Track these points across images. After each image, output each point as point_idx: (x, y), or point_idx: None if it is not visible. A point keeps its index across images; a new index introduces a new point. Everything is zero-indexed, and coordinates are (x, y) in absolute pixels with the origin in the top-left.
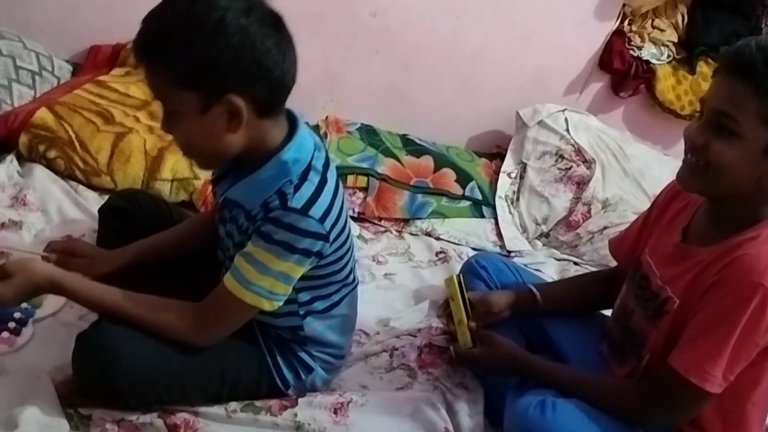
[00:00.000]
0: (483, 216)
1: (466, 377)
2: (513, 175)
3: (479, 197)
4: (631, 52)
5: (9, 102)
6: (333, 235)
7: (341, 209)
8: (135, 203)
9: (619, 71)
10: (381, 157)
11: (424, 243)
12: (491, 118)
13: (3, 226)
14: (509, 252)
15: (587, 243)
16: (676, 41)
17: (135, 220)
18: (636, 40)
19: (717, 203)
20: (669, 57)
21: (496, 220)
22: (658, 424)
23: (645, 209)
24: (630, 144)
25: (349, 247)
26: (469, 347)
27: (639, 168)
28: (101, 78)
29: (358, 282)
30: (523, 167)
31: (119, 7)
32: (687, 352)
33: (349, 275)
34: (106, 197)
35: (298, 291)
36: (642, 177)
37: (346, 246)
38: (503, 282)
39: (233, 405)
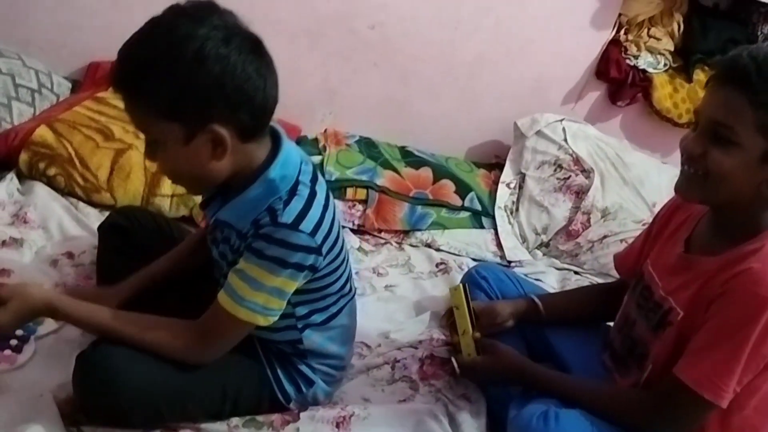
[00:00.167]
0: (483, 226)
1: (468, 388)
2: (512, 185)
3: (479, 208)
4: (628, 61)
5: (9, 120)
6: (325, 248)
7: (333, 221)
8: (134, 220)
9: (616, 80)
10: (380, 169)
11: (424, 254)
12: (490, 128)
13: (4, 243)
14: (509, 262)
15: (587, 252)
16: (672, 50)
17: (134, 237)
18: (632, 49)
19: (718, 212)
20: (666, 65)
21: (495, 230)
22: None
23: (645, 218)
24: (628, 152)
25: (344, 259)
26: (473, 357)
27: (638, 176)
28: (100, 95)
29: (355, 292)
30: (522, 177)
31: (118, 24)
32: (696, 365)
33: (345, 286)
34: (106, 213)
35: (294, 305)
36: (641, 185)
37: (340, 258)
38: (504, 292)
39: (235, 420)
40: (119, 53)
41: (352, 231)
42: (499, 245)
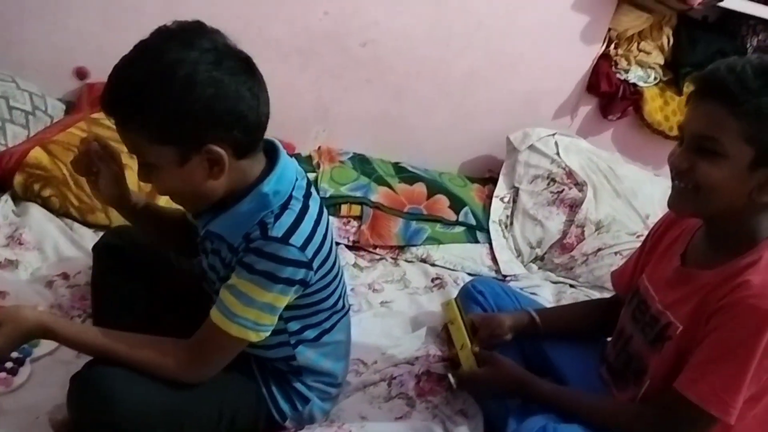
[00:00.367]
0: (477, 241)
1: (465, 404)
2: (506, 200)
3: (473, 222)
4: (618, 75)
5: (3, 142)
6: (316, 263)
7: (325, 236)
8: (129, 240)
9: (607, 94)
10: (374, 186)
11: (419, 269)
12: (483, 143)
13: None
14: (505, 276)
15: (582, 265)
16: (662, 63)
17: (129, 256)
18: (623, 63)
19: (712, 225)
20: (656, 79)
21: (490, 244)
22: None
23: (639, 230)
24: (620, 165)
25: (336, 274)
26: (473, 369)
27: (630, 188)
28: (94, 115)
29: (349, 308)
30: (516, 191)
31: (109, 45)
32: (699, 380)
33: (338, 302)
34: (101, 234)
35: (287, 321)
36: (634, 197)
37: (332, 273)
38: (500, 306)
39: None
40: (110, 78)
41: (347, 247)
42: (494, 259)
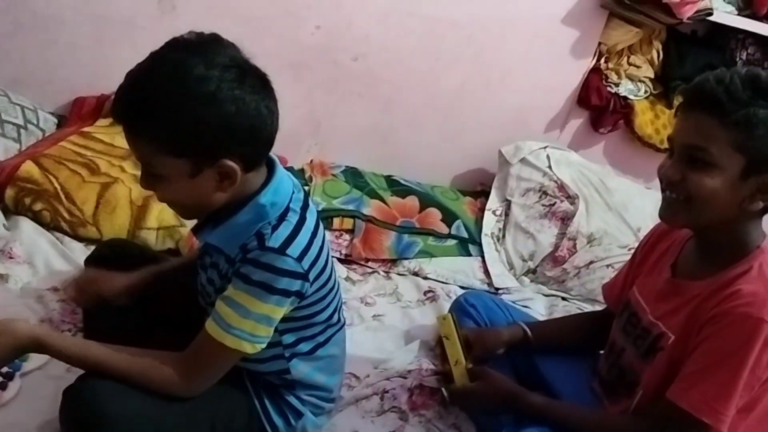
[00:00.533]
0: (470, 254)
1: (458, 418)
2: (498, 213)
3: (465, 235)
4: (609, 88)
5: None
6: (312, 275)
7: (321, 249)
8: (121, 253)
9: (598, 107)
10: (366, 199)
11: (412, 283)
12: (474, 156)
13: None
14: (497, 289)
15: (574, 278)
16: (652, 77)
17: (121, 269)
18: (613, 76)
19: (703, 235)
20: (646, 92)
21: (482, 257)
22: None
23: (630, 243)
24: (612, 178)
25: (332, 288)
26: (466, 385)
27: (622, 201)
28: (86, 129)
29: (344, 323)
30: (508, 204)
31: (103, 60)
32: (691, 389)
33: (333, 316)
34: (92, 248)
35: (281, 333)
36: (625, 210)
37: (328, 287)
38: (493, 320)
39: None
40: (126, 88)
41: (339, 261)
42: (487, 272)
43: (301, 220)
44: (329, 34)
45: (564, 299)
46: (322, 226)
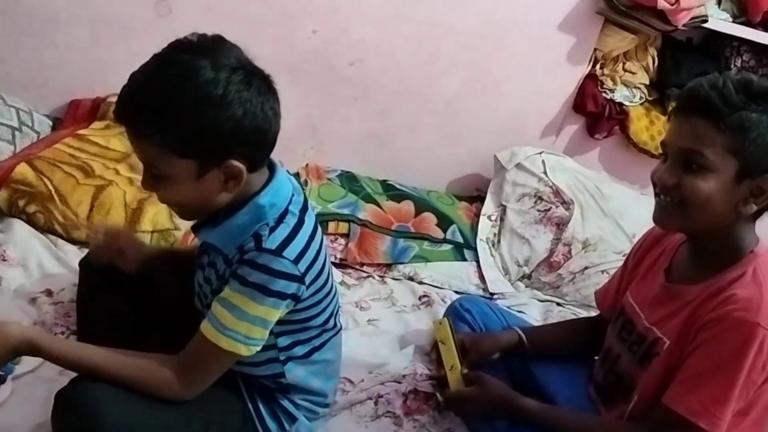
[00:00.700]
0: (465, 259)
1: (453, 423)
2: (493, 218)
3: (461, 240)
4: (604, 94)
5: None
6: (309, 278)
7: (318, 252)
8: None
9: (593, 113)
10: (362, 203)
11: (407, 287)
12: (470, 161)
13: None
14: (492, 294)
15: (569, 283)
16: (647, 83)
17: (116, 272)
18: (608, 83)
19: (697, 240)
20: (641, 99)
21: (478, 262)
22: None
23: (625, 249)
24: (607, 184)
25: (328, 292)
26: (461, 390)
27: (617, 208)
28: (81, 132)
29: (340, 328)
30: (503, 210)
31: (97, 61)
32: (687, 394)
33: (330, 320)
34: (86, 251)
35: (277, 336)
36: (620, 216)
37: (324, 290)
38: (488, 325)
39: None
40: (131, 90)
41: (334, 265)
42: (482, 277)
43: (300, 222)
44: (326, 38)
45: (559, 305)
46: (320, 229)
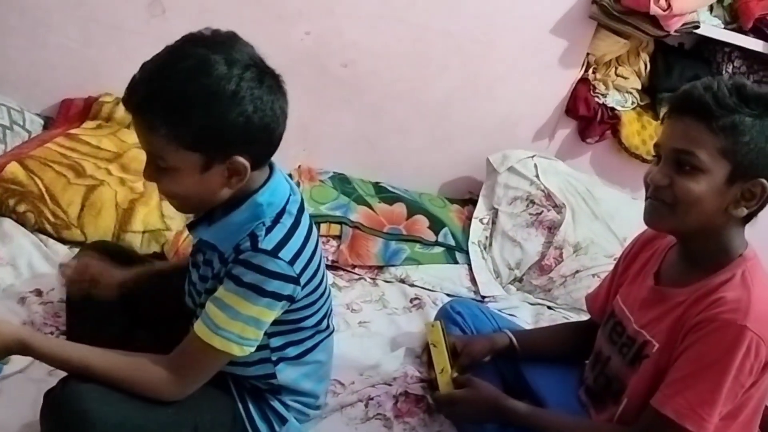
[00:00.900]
0: (456, 262)
1: (443, 426)
2: (485, 221)
3: (452, 243)
4: (596, 99)
5: None
6: (304, 279)
7: (314, 254)
8: (106, 256)
9: (585, 118)
10: (354, 205)
11: (398, 290)
12: (462, 164)
13: None
14: (483, 297)
15: (560, 287)
16: (639, 88)
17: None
18: (600, 87)
19: (687, 242)
20: (633, 103)
21: (469, 265)
22: None
23: (616, 252)
24: (598, 187)
25: (322, 293)
26: (451, 392)
27: (608, 211)
28: (73, 131)
29: (333, 330)
30: (495, 213)
31: (90, 61)
32: (675, 396)
33: (323, 321)
34: (76, 250)
35: (270, 336)
36: (612, 220)
37: (318, 292)
38: (479, 328)
39: None
40: (143, 80)
41: (326, 267)
42: (473, 280)
43: (296, 223)
44: (319, 40)
45: (550, 308)
46: (315, 230)
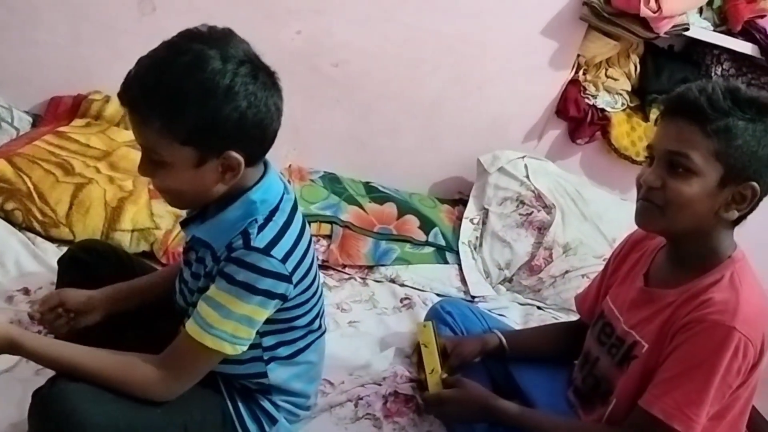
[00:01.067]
0: (447, 262)
1: (432, 426)
2: (475, 221)
3: (442, 243)
4: (587, 100)
5: None
6: (296, 278)
7: (306, 253)
8: (95, 254)
9: (576, 119)
10: (344, 205)
11: (388, 290)
12: (453, 165)
13: None
14: (473, 297)
15: (550, 287)
16: (629, 89)
17: (95, 271)
18: (591, 88)
19: (677, 243)
20: (623, 105)
21: (459, 265)
22: None
23: (605, 253)
24: (588, 188)
25: (315, 293)
26: (440, 391)
27: (597, 212)
28: (61, 129)
29: (325, 330)
30: (485, 213)
31: (79, 59)
32: (663, 396)
33: (315, 321)
34: (64, 249)
35: (262, 335)
36: (601, 221)
37: (311, 291)
38: (469, 328)
39: None
40: (140, 74)
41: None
42: (463, 280)
43: (288, 221)
44: (310, 39)
45: (539, 308)
46: (308, 229)
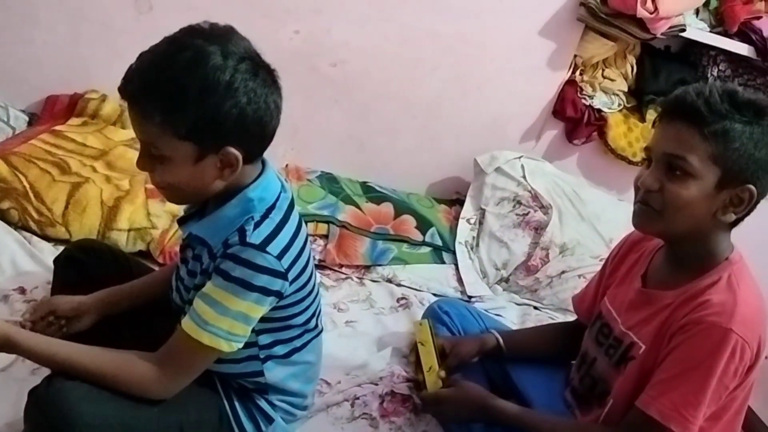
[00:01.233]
0: (443, 262)
1: (429, 425)
2: (472, 221)
3: (440, 243)
4: (583, 100)
5: None
6: (292, 275)
7: (302, 251)
8: (91, 254)
9: (572, 119)
10: (341, 205)
11: (385, 289)
12: (450, 165)
13: None
14: (470, 297)
15: (546, 287)
16: (626, 90)
17: (91, 271)
18: (588, 89)
19: (675, 245)
20: (620, 105)
21: (456, 265)
22: None
23: (602, 253)
24: (585, 189)
25: (311, 291)
26: (438, 391)
27: (594, 212)
28: (58, 128)
29: (321, 330)
30: (482, 213)
31: (76, 58)
32: (659, 397)
33: (311, 320)
34: (60, 248)
35: (258, 333)
36: (598, 221)
37: (307, 289)
38: (466, 328)
39: None
40: (141, 69)
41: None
42: (460, 280)
43: (285, 219)
44: (308, 39)
45: (536, 308)
46: (305, 228)
